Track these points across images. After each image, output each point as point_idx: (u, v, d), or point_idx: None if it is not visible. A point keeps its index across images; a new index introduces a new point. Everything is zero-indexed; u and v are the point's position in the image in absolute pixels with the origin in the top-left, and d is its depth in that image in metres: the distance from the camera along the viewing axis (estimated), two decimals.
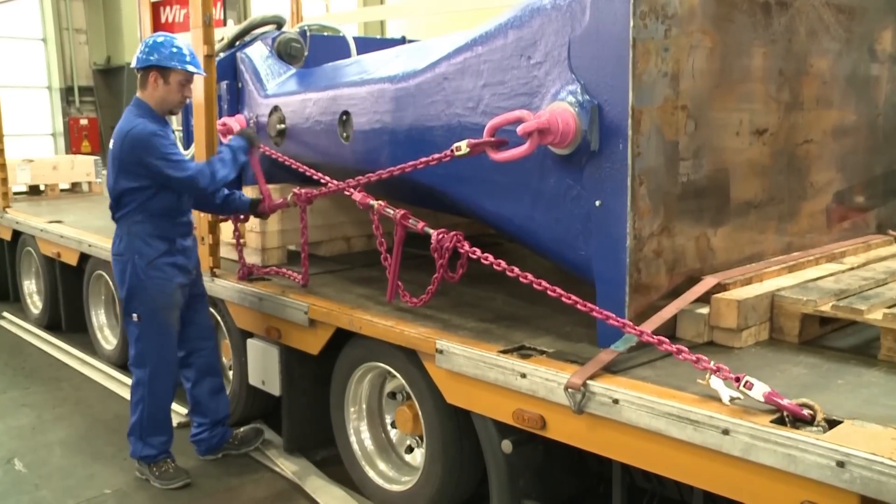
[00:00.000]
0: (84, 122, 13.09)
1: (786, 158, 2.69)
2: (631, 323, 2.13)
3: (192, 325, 3.20)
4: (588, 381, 2.04)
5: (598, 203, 2.25)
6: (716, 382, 1.88)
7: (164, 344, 3.06)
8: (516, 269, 2.33)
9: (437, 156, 2.55)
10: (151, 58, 2.92)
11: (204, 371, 3.24)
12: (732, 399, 1.83)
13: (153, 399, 3.09)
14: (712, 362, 1.92)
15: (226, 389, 3.39)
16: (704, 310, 2.31)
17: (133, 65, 2.98)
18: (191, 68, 2.96)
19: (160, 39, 2.94)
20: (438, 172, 2.71)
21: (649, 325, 2.17)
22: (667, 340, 2.03)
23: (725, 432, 1.76)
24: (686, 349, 1.99)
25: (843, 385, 1.97)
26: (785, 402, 1.75)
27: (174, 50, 2.93)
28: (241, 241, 3.55)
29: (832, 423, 1.71)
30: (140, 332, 3.05)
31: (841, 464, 1.58)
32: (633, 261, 2.21)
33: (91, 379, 4.43)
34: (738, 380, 1.84)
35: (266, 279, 3.44)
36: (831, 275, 2.56)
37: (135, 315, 3.03)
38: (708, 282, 2.36)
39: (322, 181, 3.14)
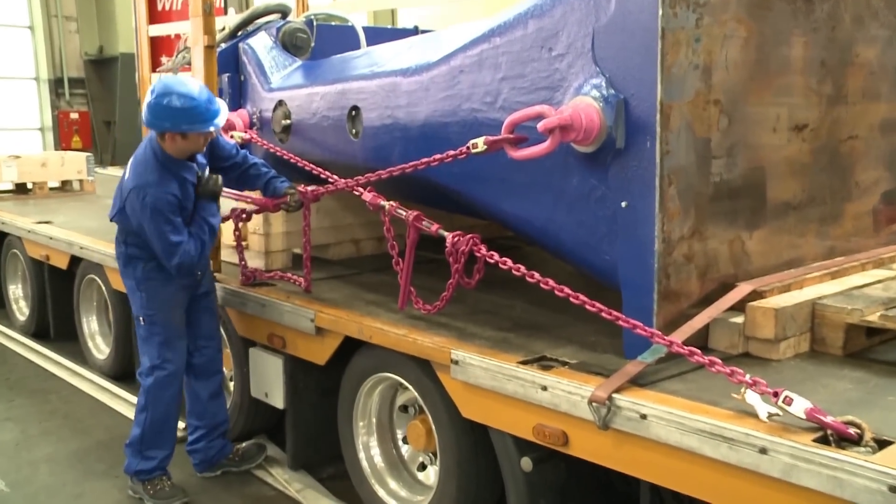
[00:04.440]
0: (74, 115, 13.20)
1: (828, 156, 2.69)
2: (659, 332, 2.16)
3: (195, 322, 3.25)
4: (614, 395, 2.06)
5: (624, 204, 2.27)
6: (752, 397, 1.88)
7: (169, 347, 3.13)
8: (536, 275, 2.36)
9: (452, 153, 2.59)
10: (165, 124, 2.85)
11: (203, 370, 3.30)
12: (770, 415, 1.83)
13: (157, 407, 3.14)
14: (748, 375, 1.93)
15: (225, 395, 3.45)
16: (739, 319, 2.32)
17: (143, 120, 2.89)
18: (211, 127, 2.88)
19: (169, 103, 2.80)
20: (454, 171, 2.75)
21: (679, 335, 2.20)
22: (698, 352, 2.05)
23: (763, 451, 1.77)
24: (719, 361, 2.01)
25: (894, 402, 1.97)
26: (829, 419, 1.74)
27: (188, 110, 2.82)
28: (244, 243, 3.61)
29: (882, 444, 1.69)
30: (144, 335, 3.14)
31: (894, 488, 1.56)
32: (662, 266, 2.23)
33: (81, 391, 4.49)
34: (776, 395, 1.84)
35: (270, 284, 3.49)
36: (879, 282, 2.55)
37: (140, 318, 3.13)
38: (743, 289, 2.38)
39: (329, 179, 3.20)
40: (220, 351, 3.38)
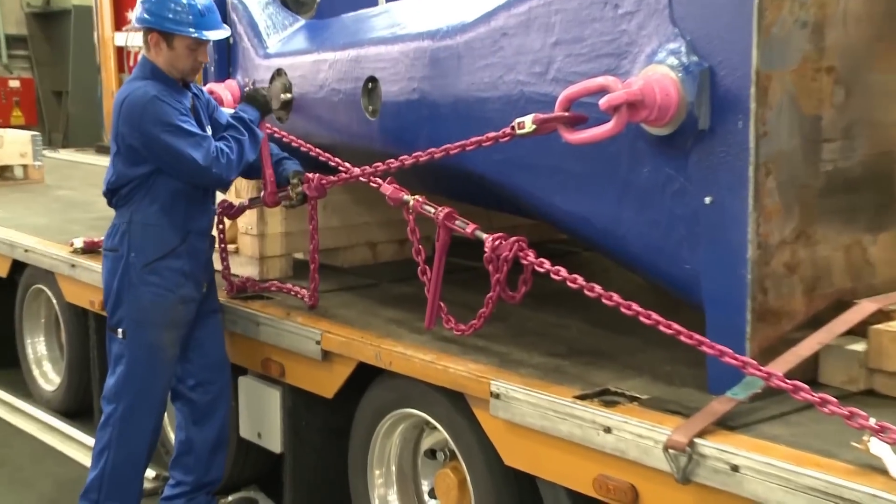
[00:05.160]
0: (14, 83, 13.28)
1: None
2: (754, 362, 2.19)
3: (200, 350, 3.36)
4: (696, 440, 2.10)
5: (708, 200, 2.32)
6: (879, 447, 1.89)
7: (151, 373, 3.22)
8: (597, 287, 2.41)
9: (492, 135, 2.65)
10: (148, 17, 3.09)
11: (205, 413, 3.38)
12: None
13: (124, 445, 3.22)
14: (872, 419, 1.96)
15: (227, 446, 3.48)
16: (859, 346, 2.34)
17: (132, 20, 3.16)
18: (200, 34, 3.10)
19: None
20: (494, 158, 2.81)
21: (781, 366, 2.23)
22: (806, 387, 2.08)
23: None
24: (834, 400, 2.04)
25: None
26: None
27: (177, 8, 3.06)
28: (234, 246, 3.71)
29: None
30: (122, 354, 3.21)
31: None
32: (758, 277, 2.27)
33: (22, 431, 4.58)
34: None
35: (265, 297, 3.58)
36: None
37: (119, 330, 3.20)
38: (864, 307, 2.40)
39: (340, 168, 3.28)
40: (228, 388, 3.46)
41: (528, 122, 2.51)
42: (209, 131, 3.22)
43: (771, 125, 2.26)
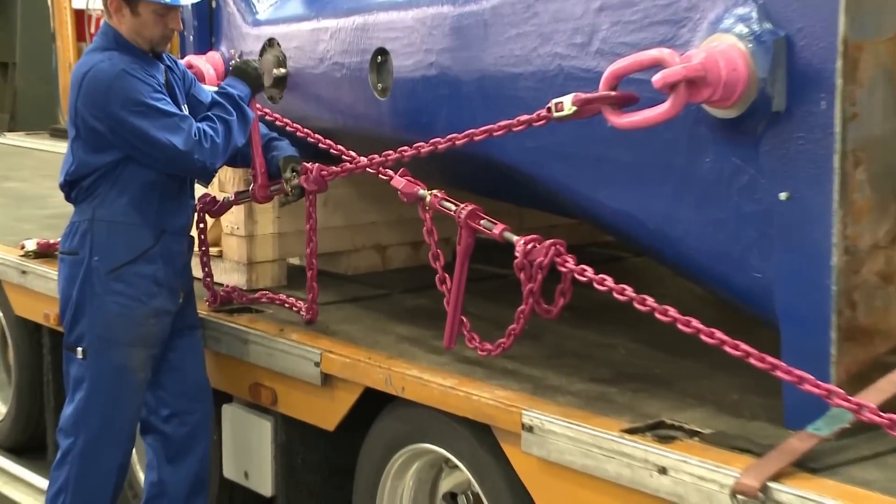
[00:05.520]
0: None
1: None
2: (841, 390, 2.18)
3: (176, 373, 3.38)
4: (770, 484, 2.09)
5: (784, 196, 2.31)
6: None
7: (117, 401, 3.23)
8: (649, 300, 2.41)
9: (524, 119, 2.66)
10: None
11: (182, 449, 3.39)
12: None
13: (84, 488, 3.23)
14: None
15: (207, 489, 3.49)
16: None
17: None
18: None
19: None
20: (526, 146, 2.81)
21: (874, 396, 2.21)
22: None
23: None
24: None
25: None
26: None
27: None
28: (217, 249, 3.73)
29: None
30: (82, 378, 3.21)
31: None
32: (844, 289, 2.26)
33: None
34: None
35: (254, 310, 3.60)
36: None
37: (78, 349, 3.21)
38: None
39: (344, 157, 3.29)
40: (210, 420, 3.48)
41: (567, 103, 2.52)
42: (185, 110, 3.24)
43: (861, 105, 2.24)
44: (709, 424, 2.45)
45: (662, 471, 2.28)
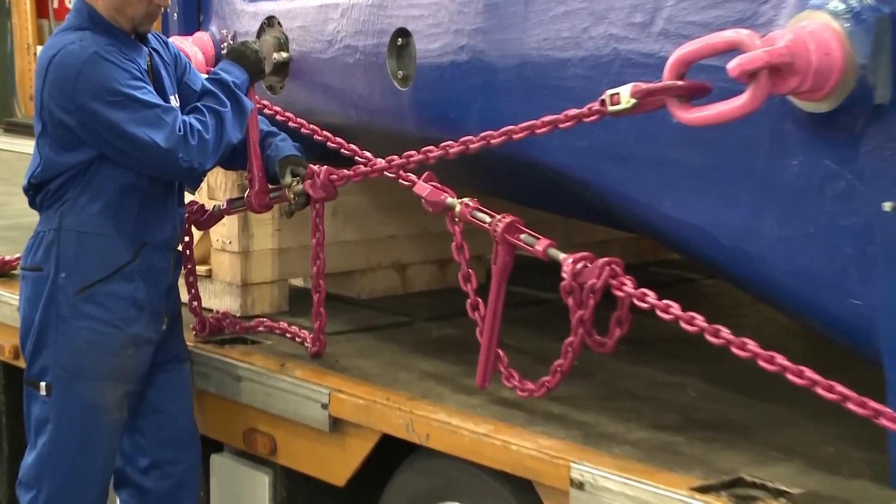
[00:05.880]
0: None
1: None
2: None
3: (157, 416, 3.40)
4: None
5: (888, 206, 2.30)
6: None
7: (87, 447, 3.23)
8: (724, 331, 2.39)
9: (573, 114, 2.65)
10: None
11: (168, 502, 3.42)
12: None
13: None
14: None
15: None
16: None
17: None
18: None
19: None
20: (575, 146, 2.81)
21: None
22: None
23: None
24: None
25: None
26: None
27: None
28: (205, 268, 3.76)
29: None
30: (46, 419, 3.22)
31: None
32: None
33: None
34: None
35: (249, 341, 3.62)
36: None
37: (42, 384, 3.22)
38: None
39: (357, 158, 3.30)
40: (197, 472, 3.49)
41: (624, 95, 2.52)
42: (175, 102, 3.26)
43: None
44: (798, 483, 2.43)
45: None
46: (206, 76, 3.44)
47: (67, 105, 3.11)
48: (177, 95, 3.32)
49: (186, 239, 3.63)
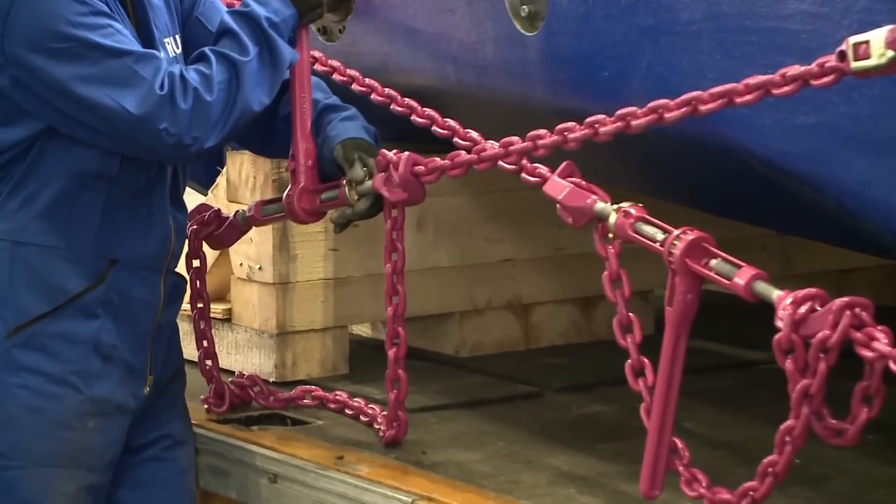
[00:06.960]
0: None
1: None
2: None
3: None
4: None
5: None
6: None
7: None
8: None
9: (793, 72, 2.66)
10: None
11: None
12: None
13: None
14: None
15: None
16: None
17: None
18: None
19: None
20: (796, 123, 2.86)
21: None
22: None
23: None
24: None
25: None
26: None
27: None
28: (222, 307, 3.84)
29: None
30: None
31: None
32: None
33: None
34: None
35: (288, 420, 3.72)
36: None
37: None
38: None
39: (457, 140, 3.37)
40: None
41: (877, 44, 2.54)
42: (171, 49, 3.33)
43: None
44: None
45: None
46: (229, 9, 3.44)
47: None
48: (177, 38, 3.38)
49: (195, 263, 3.68)
